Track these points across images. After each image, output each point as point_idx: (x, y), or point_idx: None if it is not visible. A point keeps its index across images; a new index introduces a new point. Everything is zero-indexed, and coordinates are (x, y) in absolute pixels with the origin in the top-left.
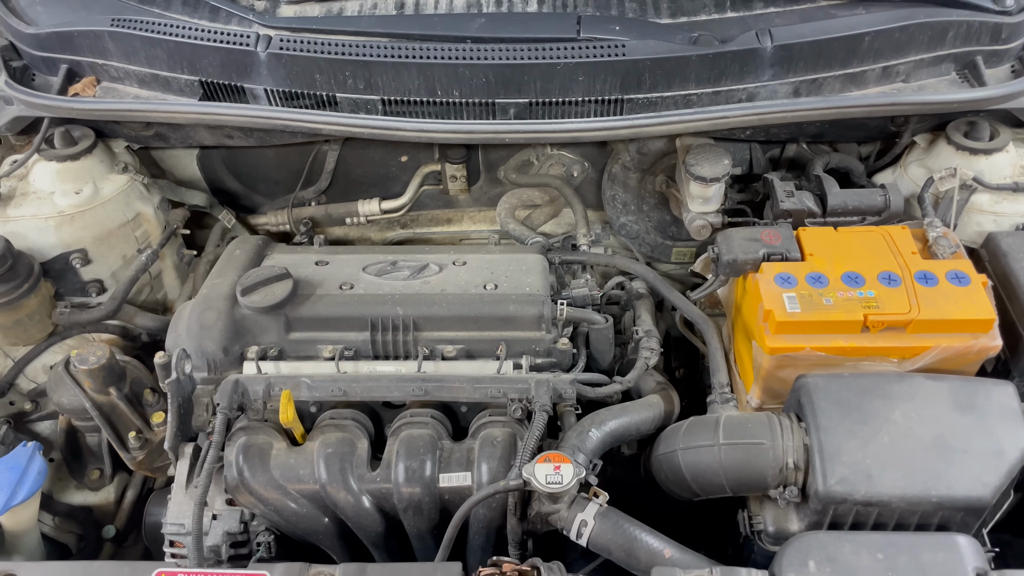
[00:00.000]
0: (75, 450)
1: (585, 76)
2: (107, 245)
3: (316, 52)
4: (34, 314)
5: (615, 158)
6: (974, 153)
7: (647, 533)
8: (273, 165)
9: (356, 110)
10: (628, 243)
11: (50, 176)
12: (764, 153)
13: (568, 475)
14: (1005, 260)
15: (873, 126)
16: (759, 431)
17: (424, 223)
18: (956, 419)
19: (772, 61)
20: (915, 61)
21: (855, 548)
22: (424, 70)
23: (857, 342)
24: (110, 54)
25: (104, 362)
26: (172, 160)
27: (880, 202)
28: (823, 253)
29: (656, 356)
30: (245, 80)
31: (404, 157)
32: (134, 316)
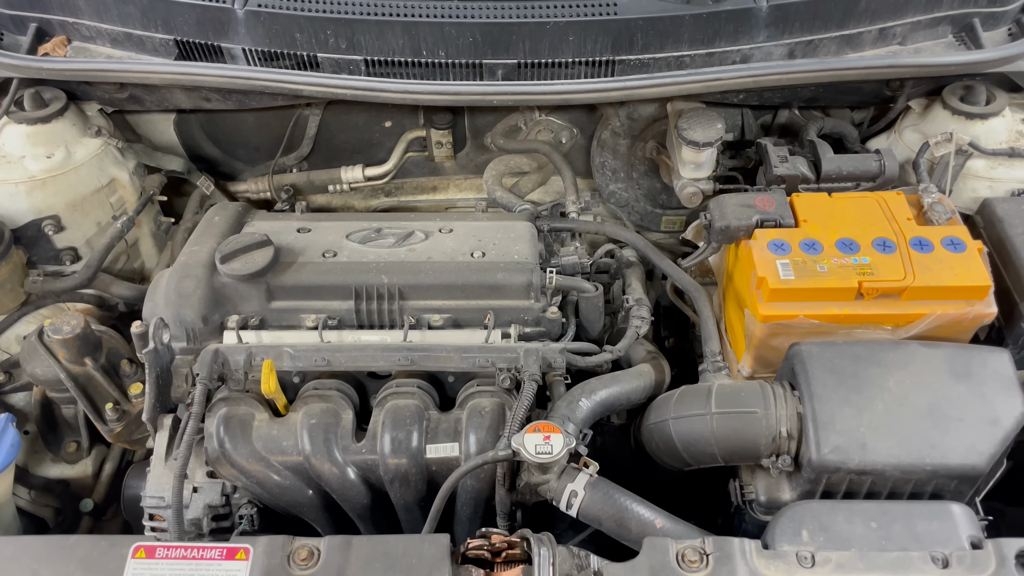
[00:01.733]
0: (51, 422)
1: (575, 36)
2: (81, 212)
3: (296, 9)
4: (5, 282)
5: (604, 124)
6: (970, 118)
7: (638, 503)
8: (253, 130)
9: (338, 71)
10: (618, 211)
11: (20, 139)
12: (756, 119)
13: (558, 445)
14: (1000, 226)
15: (868, 90)
16: (752, 400)
17: (409, 191)
18: (951, 387)
19: (767, 21)
20: (912, 23)
21: (849, 517)
22: (409, 28)
23: (851, 309)
24: (81, 12)
25: (79, 332)
26: (148, 125)
27: (875, 167)
28: (817, 219)
29: (646, 325)
30: (222, 39)
31: (388, 122)
32: (110, 285)
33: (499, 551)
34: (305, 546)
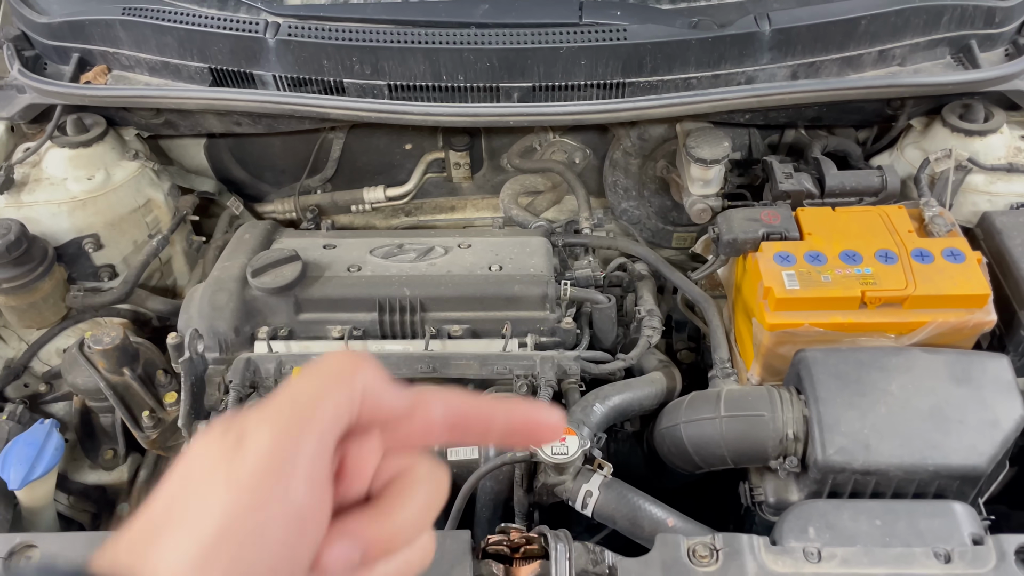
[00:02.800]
0: (89, 430)
1: (587, 60)
2: (119, 230)
3: (323, 38)
4: (48, 297)
5: (616, 144)
6: (969, 135)
7: (650, 503)
8: (279, 154)
9: (363, 95)
10: (630, 228)
11: (63, 162)
12: (763, 139)
13: (573, 446)
14: (1000, 238)
15: (870, 109)
16: (759, 403)
17: (428, 210)
18: (952, 390)
19: (770, 45)
20: (911, 45)
21: (854, 515)
22: (429, 55)
23: (855, 318)
24: (121, 42)
25: (118, 342)
26: (180, 150)
27: (877, 183)
28: (821, 232)
29: (658, 335)
30: (254, 67)
31: (409, 145)
32: (145, 300)
33: (518, 547)
34: None
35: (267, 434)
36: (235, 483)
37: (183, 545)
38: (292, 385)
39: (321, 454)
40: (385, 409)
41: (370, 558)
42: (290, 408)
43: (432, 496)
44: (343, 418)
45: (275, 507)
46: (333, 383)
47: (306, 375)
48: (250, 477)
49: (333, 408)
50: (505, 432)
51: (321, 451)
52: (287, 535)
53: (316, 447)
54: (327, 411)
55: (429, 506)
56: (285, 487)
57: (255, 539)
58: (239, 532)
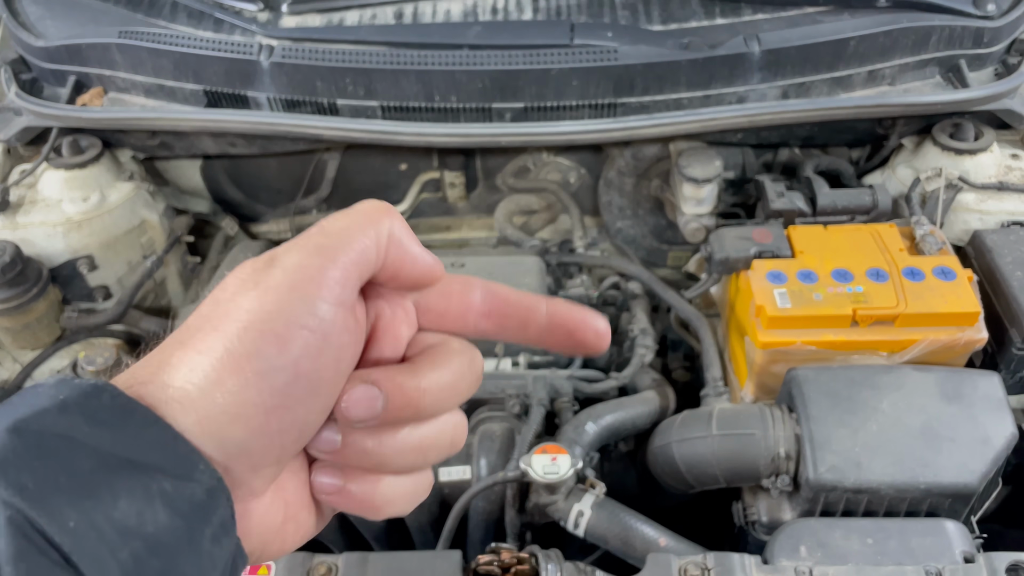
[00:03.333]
0: None
1: (579, 81)
2: (113, 251)
3: (317, 61)
4: (42, 318)
5: (610, 164)
6: (959, 153)
7: (643, 523)
8: (275, 174)
9: (356, 116)
10: (624, 248)
11: (58, 184)
12: (757, 158)
13: (565, 465)
14: (990, 256)
15: (861, 129)
16: (751, 422)
17: (423, 230)
18: (943, 408)
19: (761, 65)
20: (900, 65)
21: (845, 533)
22: (422, 76)
23: (847, 336)
24: (117, 65)
25: (111, 363)
26: (176, 171)
27: (868, 201)
28: (813, 251)
29: (651, 353)
30: (248, 88)
31: (403, 165)
32: (139, 320)
33: (509, 567)
34: (324, 562)
35: (296, 254)
36: (262, 289)
37: (206, 344)
38: (322, 222)
39: (346, 281)
40: (412, 261)
41: (392, 412)
42: (318, 237)
43: (466, 368)
44: (370, 252)
45: (299, 316)
46: (361, 221)
47: (337, 215)
48: (277, 285)
49: (360, 241)
50: (546, 329)
51: (346, 278)
52: (309, 347)
53: (342, 273)
54: (354, 243)
55: (462, 377)
56: (311, 300)
57: (278, 342)
58: (263, 332)
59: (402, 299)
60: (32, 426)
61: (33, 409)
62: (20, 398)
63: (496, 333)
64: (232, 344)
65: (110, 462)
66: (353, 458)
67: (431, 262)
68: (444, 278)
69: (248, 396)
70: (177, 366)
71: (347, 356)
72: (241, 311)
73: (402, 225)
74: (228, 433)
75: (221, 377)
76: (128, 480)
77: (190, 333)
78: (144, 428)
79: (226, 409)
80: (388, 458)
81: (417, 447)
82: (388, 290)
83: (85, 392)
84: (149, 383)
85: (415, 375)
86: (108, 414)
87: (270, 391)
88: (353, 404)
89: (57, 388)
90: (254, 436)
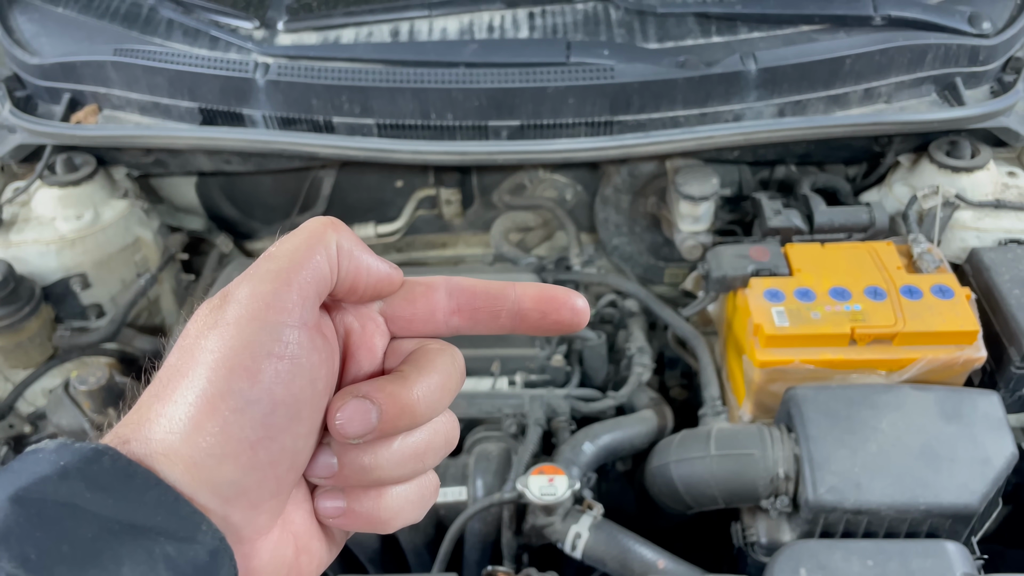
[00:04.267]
0: None
1: (575, 99)
2: (107, 269)
3: (313, 79)
4: (35, 337)
5: (607, 181)
6: (956, 171)
7: (641, 544)
8: (270, 191)
9: (352, 134)
10: (621, 265)
11: (52, 202)
12: (754, 175)
13: (562, 486)
14: (988, 274)
15: (858, 146)
16: (750, 442)
17: (419, 247)
18: (942, 428)
19: (757, 83)
20: (896, 83)
21: (845, 555)
22: (418, 94)
23: (845, 355)
24: (112, 83)
25: (104, 383)
26: (171, 188)
27: (865, 219)
28: (810, 268)
29: (649, 372)
30: (244, 106)
31: (399, 182)
32: (133, 339)
33: None
34: None
35: (248, 285)
36: (221, 328)
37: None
38: (270, 248)
39: (304, 301)
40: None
41: (388, 423)
42: (267, 263)
43: (451, 366)
44: (322, 268)
45: (264, 345)
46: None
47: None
48: (235, 321)
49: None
50: (518, 314)
51: (303, 298)
52: (280, 374)
53: (298, 294)
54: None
55: (450, 376)
56: (272, 327)
57: (248, 375)
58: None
59: (368, 310)
60: (33, 494)
61: (34, 477)
62: (21, 464)
63: (469, 328)
64: (203, 387)
65: (112, 528)
66: (352, 478)
67: (387, 269)
68: (406, 283)
69: (230, 434)
70: (155, 419)
71: (322, 376)
72: (206, 352)
73: (350, 237)
74: (219, 475)
75: (199, 421)
76: (131, 545)
77: (162, 385)
78: (145, 491)
79: (211, 452)
80: (387, 471)
81: (414, 454)
82: (352, 304)
83: (86, 457)
84: (131, 440)
85: (405, 383)
86: (109, 478)
87: (251, 425)
88: (347, 420)
89: (58, 453)
90: (246, 472)
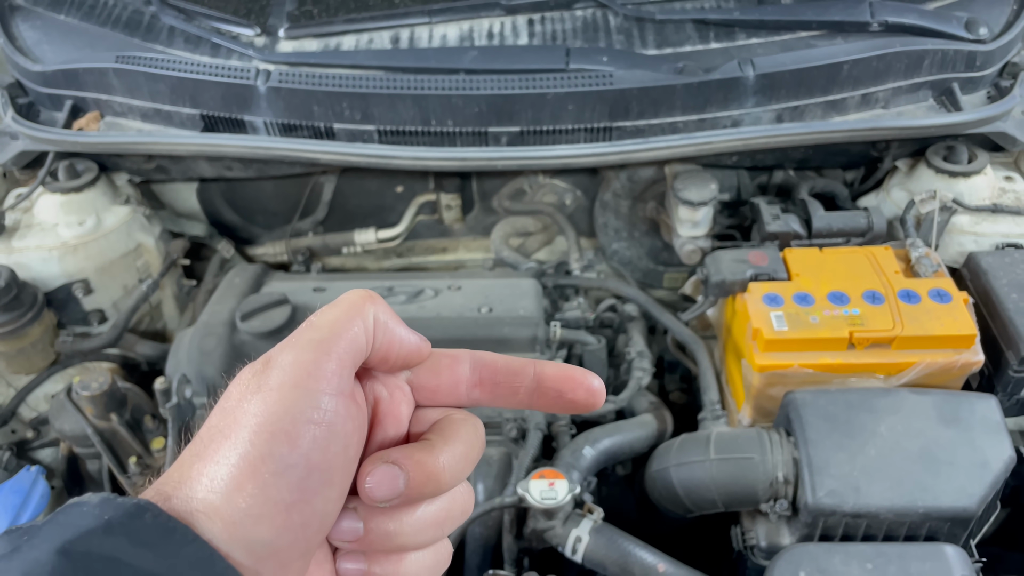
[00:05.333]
0: (76, 477)
1: (574, 105)
2: (109, 275)
3: (314, 85)
4: (37, 343)
5: (606, 186)
6: (953, 176)
7: (641, 548)
8: (271, 197)
9: (353, 140)
10: (620, 269)
11: (54, 208)
12: (752, 180)
13: (562, 491)
14: (985, 278)
15: (855, 152)
16: (749, 446)
17: (420, 252)
18: (941, 432)
19: (755, 89)
20: (893, 88)
21: (845, 559)
22: (419, 101)
23: (843, 359)
24: (114, 90)
25: (106, 388)
26: (172, 194)
27: (863, 224)
28: (809, 273)
29: (648, 376)
30: (245, 113)
31: (400, 187)
32: (134, 344)
33: None
34: None
35: (290, 352)
36: (264, 393)
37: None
38: (311, 317)
39: (342, 371)
40: (400, 343)
41: (415, 489)
42: (310, 332)
43: (474, 436)
44: (360, 339)
45: (304, 412)
46: (348, 310)
47: (323, 309)
48: (278, 387)
49: (350, 330)
50: (536, 392)
51: (341, 368)
52: (318, 440)
53: (337, 364)
54: (344, 333)
55: (472, 446)
56: (313, 394)
57: (288, 440)
58: (274, 433)
59: (396, 379)
60: (79, 547)
61: (80, 531)
62: (66, 517)
63: (488, 401)
64: (245, 449)
65: None
66: (376, 543)
67: (417, 341)
68: (432, 354)
69: (268, 496)
70: (197, 478)
71: (353, 443)
72: (248, 416)
73: (385, 309)
74: (255, 535)
75: (240, 483)
76: None
77: (204, 444)
78: (183, 546)
79: (249, 512)
80: (409, 536)
81: (434, 521)
82: (382, 373)
83: (128, 512)
84: (173, 497)
85: (432, 451)
86: (150, 534)
87: (288, 488)
88: (376, 485)
89: (101, 508)
90: (279, 533)
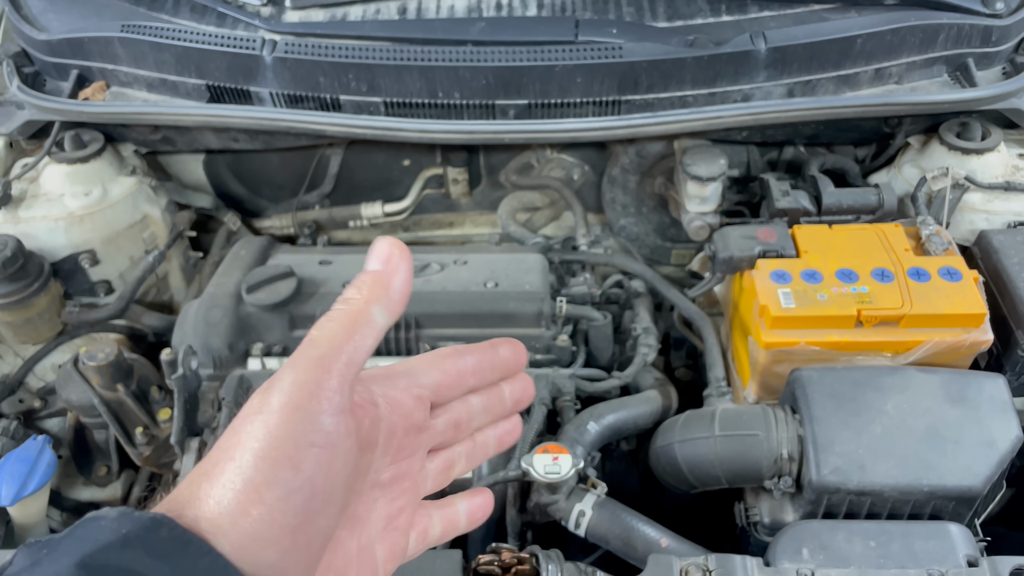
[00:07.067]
0: (83, 447)
1: (583, 78)
2: (115, 246)
3: (320, 56)
4: (44, 313)
5: (614, 161)
6: (966, 153)
7: (644, 523)
8: (277, 169)
9: (359, 112)
10: (628, 245)
11: (60, 178)
12: (762, 156)
13: (566, 465)
14: (996, 257)
15: (867, 127)
16: (754, 423)
17: (426, 226)
18: (947, 411)
19: (766, 63)
20: (907, 63)
21: (848, 536)
22: (426, 72)
23: (851, 336)
24: (120, 59)
25: (113, 358)
26: (178, 166)
27: (874, 201)
28: (817, 250)
29: (654, 352)
30: (251, 83)
31: (407, 161)
32: (141, 315)
33: (509, 567)
34: None
35: (291, 372)
36: (266, 415)
37: (227, 477)
38: (311, 332)
39: (342, 388)
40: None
41: None
42: (310, 350)
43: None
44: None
45: (306, 435)
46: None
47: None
48: (280, 408)
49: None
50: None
51: (342, 384)
52: (321, 463)
53: (338, 381)
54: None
55: None
56: (313, 416)
57: (291, 467)
58: (277, 459)
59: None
60: (98, 561)
61: (98, 544)
62: (84, 531)
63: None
64: (249, 474)
65: None
66: None
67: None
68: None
69: (274, 520)
70: (205, 500)
71: (352, 459)
72: (251, 439)
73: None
74: (261, 557)
75: (245, 508)
76: None
77: (212, 464)
78: (199, 559)
79: (255, 536)
80: None
81: None
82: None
83: (145, 526)
84: (182, 516)
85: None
86: (166, 547)
87: (293, 512)
88: None
89: (119, 522)
90: (285, 555)
